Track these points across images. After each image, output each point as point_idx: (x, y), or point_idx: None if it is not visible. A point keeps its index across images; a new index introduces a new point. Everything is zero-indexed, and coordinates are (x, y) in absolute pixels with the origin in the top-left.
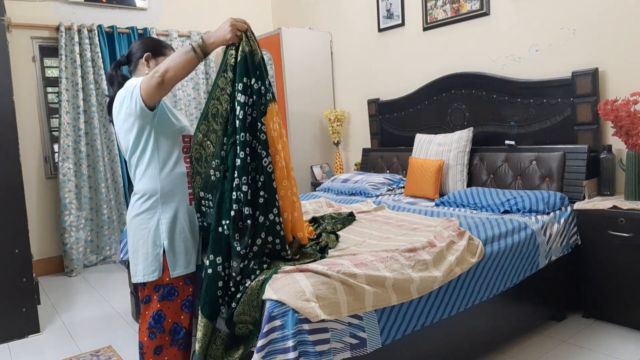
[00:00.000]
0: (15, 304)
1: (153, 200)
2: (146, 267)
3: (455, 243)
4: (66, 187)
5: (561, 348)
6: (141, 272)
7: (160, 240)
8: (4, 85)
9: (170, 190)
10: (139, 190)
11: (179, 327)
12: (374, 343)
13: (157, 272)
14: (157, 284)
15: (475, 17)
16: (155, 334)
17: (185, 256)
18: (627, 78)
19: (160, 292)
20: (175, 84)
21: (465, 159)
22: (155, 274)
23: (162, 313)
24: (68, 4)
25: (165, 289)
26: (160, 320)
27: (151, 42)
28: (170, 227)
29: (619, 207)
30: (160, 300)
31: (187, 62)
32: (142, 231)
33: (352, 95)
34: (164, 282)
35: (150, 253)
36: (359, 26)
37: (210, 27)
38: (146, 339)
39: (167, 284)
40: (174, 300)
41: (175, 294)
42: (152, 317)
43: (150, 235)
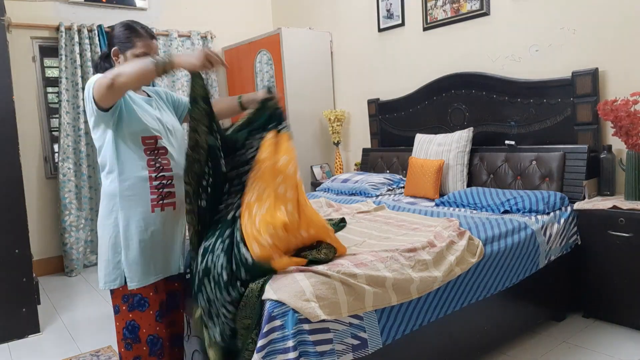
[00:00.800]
0: (15, 304)
1: (112, 205)
2: (107, 275)
3: (455, 243)
4: (66, 187)
5: (561, 348)
6: (102, 279)
7: (119, 248)
8: (4, 85)
9: (130, 195)
10: (102, 192)
11: (156, 339)
12: (375, 343)
13: (119, 280)
14: (125, 294)
15: (475, 17)
16: (131, 345)
17: (144, 267)
18: (627, 78)
19: (130, 301)
20: (125, 92)
21: (465, 159)
22: (117, 282)
23: (135, 323)
24: (68, 4)
25: (134, 298)
26: (135, 330)
27: (121, 31)
28: (127, 236)
29: (619, 207)
30: (130, 311)
31: (142, 74)
32: (104, 237)
33: (352, 95)
34: (131, 292)
35: (111, 260)
36: (359, 26)
37: (210, 27)
38: (123, 350)
39: (136, 293)
40: (146, 312)
41: (146, 305)
42: (125, 327)
43: (111, 243)
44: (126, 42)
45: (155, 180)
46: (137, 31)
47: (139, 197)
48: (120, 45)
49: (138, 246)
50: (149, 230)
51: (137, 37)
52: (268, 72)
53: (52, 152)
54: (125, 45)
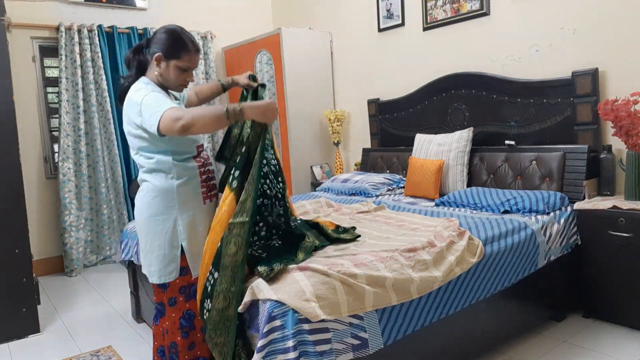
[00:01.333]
0: (15, 304)
1: (169, 200)
2: (162, 269)
3: (455, 243)
4: (66, 187)
5: (561, 348)
6: (157, 273)
7: (177, 242)
8: (4, 85)
9: (186, 190)
10: (153, 189)
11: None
12: (376, 344)
13: (175, 272)
14: (183, 285)
15: (475, 17)
16: (188, 333)
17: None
18: (627, 78)
19: (187, 292)
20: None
21: (465, 159)
22: (173, 275)
23: (192, 312)
24: (68, 4)
25: (192, 289)
26: (191, 319)
27: (170, 40)
28: (190, 228)
29: (619, 207)
30: (187, 300)
31: (216, 122)
32: (158, 233)
33: (352, 95)
34: (189, 282)
35: (167, 254)
36: (359, 26)
37: (210, 27)
38: (179, 338)
39: (193, 283)
40: None
41: None
42: (182, 317)
43: (167, 237)
44: (173, 52)
45: (203, 174)
46: (186, 45)
47: (194, 191)
48: (166, 53)
49: (200, 236)
50: (207, 221)
51: (185, 51)
52: (268, 72)
53: (52, 152)
54: (170, 55)
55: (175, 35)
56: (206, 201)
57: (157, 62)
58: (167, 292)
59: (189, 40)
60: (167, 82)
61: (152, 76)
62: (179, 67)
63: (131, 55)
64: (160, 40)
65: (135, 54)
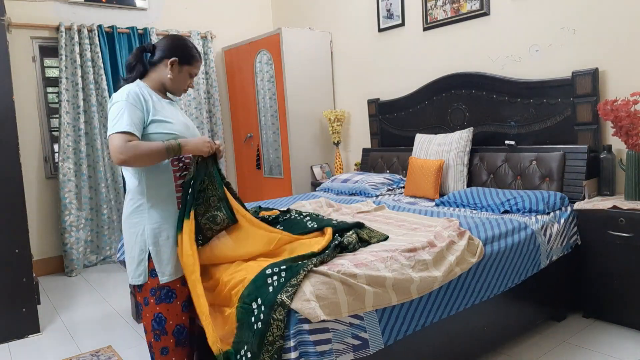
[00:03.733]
0: (15, 304)
1: (140, 204)
2: (133, 271)
3: (455, 243)
4: (66, 187)
5: (561, 348)
6: (130, 274)
7: (145, 246)
8: (4, 85)
9: (156, 194)
10: (128, 190)
11: (182, 328)
12: (377, 344)
13: (143, 276)
14: (153, 287)
15: (475, 17)
16: (159, 336)
17: (172, 262)
18: (627, 78)
19: (157, 295)
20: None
21: (465, 159)
22: (141, 279)
23: (162, 316)
24: (68, 4)
25: (161, 291)
26: (162, 323)
27: (183, 48)
28: (156, 234)
29: (619, 207)
30: (158, 303)
31: (156, 157)
32: (131, 235)
33: (352, 95)
34: (159, 284)
35: (136, 257)
36: (359, 26)
37: (210, 27)
38: (152, 340)
39: (163, 286)
40: (173, 303)
41: (173, 296)
42: (154, 319)
43: (137, 240)
44: (187, 59)
45: (180, 179)
46: (196, 54)
47: (166, 195)
48: (182, 59)
49: (167, 243)
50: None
51: (195, 60)
52: (268, 72)
53: (52, 152)
54: (185, 61)
55: (189, 44)
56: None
57: (172, 67)
58: (141, 291)
59: (196, 50)
60: (176, 86)
61: (155, 79)
62: (189, 73)
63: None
64: (176, 47)
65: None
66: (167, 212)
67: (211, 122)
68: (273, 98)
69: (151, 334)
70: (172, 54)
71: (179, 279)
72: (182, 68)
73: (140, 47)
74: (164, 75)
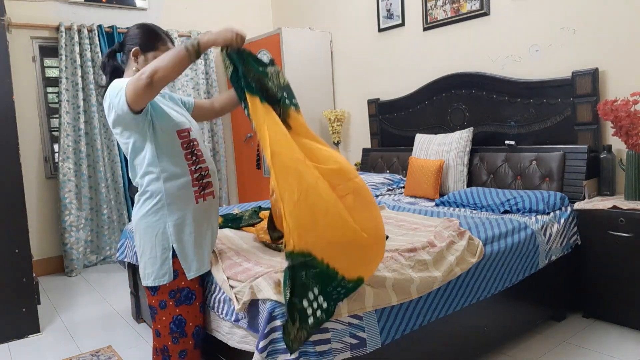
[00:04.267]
0: (15, 304)
1: (157, 201)
2: (156, 271)
3: (455, 243)
4: (66, 187)
5: (561, 348)
6: (151, 275)
7: (168, 244)
8: (4, 85)
9: (175, 191)
10: (144, 192)
11: (200, 329)
12: (374, 343)
13: (168, 275)
14: (172, 289)
15: (475, 17)
16: (178, 339)
17: (197, 257)
18: (627, 78)
19: (177, 297)
20: (165, 85)
21: (465, 159)
22: (166, 278)
23: (182, 318)
24: (68, 4)
25: (181, 293)
26: (182, 325)
27: (144, 33)
28: (178, 230)
29: (619, 207)
30: (177, 305)
31: (178, 62)
32: (149, 234)
33: (352, 95)
34: (179, 286)
35: (160, 257)
36: (359, 26)
37: (210, 27)
38: (170, 343)
39: (184, 287)
40: (193, 304)
41: (193, 298)
42: (172, 322)
43: (158, 239)
44: (149, 45)
45: (195, 172)
46: (160, 36)
47: (184, 191)
48: (142, 46)
49: (191, 238)
50: (197, 222)
51: (161, 42)
52: None
53: (52, 152)
54: (147, 47)
55: (148, 29)
56: (199, 200)
57: (135, 58)
58: (157, 294)
59: (161, 32)
60: None
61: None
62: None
63: (106, 60)
64: (135, 36)
65: (109, 58)
66: (187, 206)
67: (211, 122)
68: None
69: (168, 337)
70: (132, 44)
71: (197, 280)
72: (146, 56)
73: (109, 51)
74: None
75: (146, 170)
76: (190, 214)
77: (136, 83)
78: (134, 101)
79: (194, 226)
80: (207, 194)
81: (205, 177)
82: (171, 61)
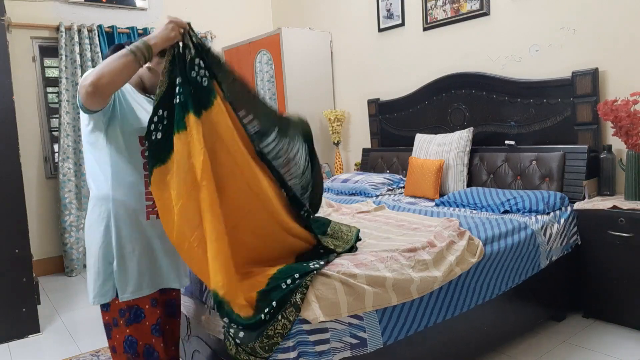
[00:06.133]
0: (15, 304)
1: (103, 212)
2: (98, 288)
3: (455, 243)
4: (66, 187)
5: (561, 348)
6: (92, 292)
7: (111, 258)
8: (4, 85)
9: (123, 201)
10: (92, 195)
11: (152, 349)
12: (375, 343)
13: (111, 292)
14: (122, 308)
15: (475, 17)
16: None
17: (138, 278)
18: (627, 78)
19: (127, 316)
20: (113, 92)
21: (465, 159)
22: (109, 296)
23: (133, 338)
24: (68, 4)
25: (130, 312)
26: (133, 346)
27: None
28: (121, 245)
29: (619, 207)
30: (128, 325)
31: (124, 67)
32: (93, 246)
33: (352, 95)
34: (128, 304)
35: (102, 272)
36: (359, 26)
37: (210, 27)
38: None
39: (132, 305)
40: (142, 323)
41: (142, 316)
42: (125, 342)
43: (101, 252)
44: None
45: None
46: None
47: (134, 203)
48: None
49: (132, 255)
50: (144, 239)
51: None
52: (268, 72)
53: (52, 152)
54: None
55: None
56: (150, 217)
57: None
58: (110, 312)
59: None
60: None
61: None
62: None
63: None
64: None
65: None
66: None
67: None
68: (273, 98)
69: (124, 355)
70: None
71: (147, 299)
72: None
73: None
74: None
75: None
76: (136, 230)
77: (81, 89)
78: (85, 104)
79: (139, 244)
80: None
81: None
82: (117, 66)
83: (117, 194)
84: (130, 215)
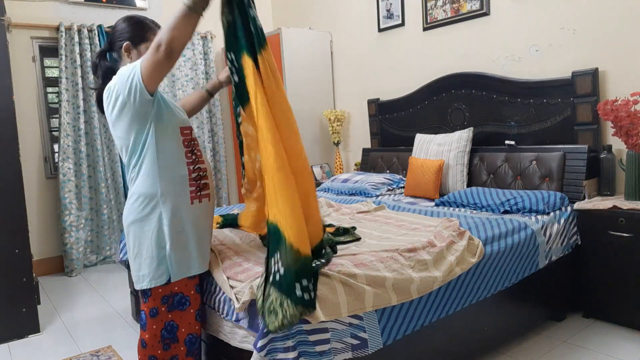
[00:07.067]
0: (15, 304)
1: (154, 204)
2: (152, 272)
3: (455, 243)
4: (66, 187)
5: (561, 348)
6: (147, 277)
7: (164, 243)
8: (4, 85)
9: (171, 191)
10: (137, 192)
11: (194, 338)
12: (375, 343)
13: (165, 276)
14: (165, 295)
15: (475, 17)
16: (169, 345)
17: (187, 260)
18: (627, 78)
19: (170, 302)
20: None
21: (465, 159)
22: (164, 278)
23: (174, 324)
24: (68, 4)
25: (174, 298)
26: (174, 330)
27: (133, 26)
28: (171, 230)
29: (619, 207)
30: (170, 311)
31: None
32: (144, 234)
33: (352, 95)
34: (172, 291)
35: (156, 257)
36: (359, 26)
37: (210, 27)
38: (160, 351)
39: (177, 293)
40: (186, 310)
41: (187, 304)
42: (164, 329)
43: (154, 238)
44: (139, 36)
45: (193, 172)
46: (147, 25)
47: (180, 190)
48: (133, 39)
49: (180, 239)
50: (190, 223)
51: (150, 31)
52: None
53: (52, 152)
54: (138, 39)
55: (135, 20)
56: (194, 201)
57: (128, 53)
58: (148, 301)
59: (148, 20)
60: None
61: None
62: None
63: (97, 62)
64: (123, 30)
65: (100, 59)
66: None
67: (211, 122)
68: None
69: (158, 345)
70: (121, 40)
71: (192, 285)
72: (139, 49)
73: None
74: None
75: (145, 168)
76: (183, 214)
77: (153, 57)
78: (151, 78)
79: (184, 227)
80: (203, 195)
81: (203, 178)
82: (181, 24)
83: (165, 184)
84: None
